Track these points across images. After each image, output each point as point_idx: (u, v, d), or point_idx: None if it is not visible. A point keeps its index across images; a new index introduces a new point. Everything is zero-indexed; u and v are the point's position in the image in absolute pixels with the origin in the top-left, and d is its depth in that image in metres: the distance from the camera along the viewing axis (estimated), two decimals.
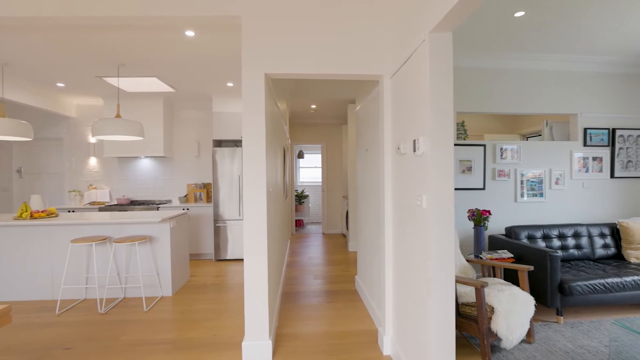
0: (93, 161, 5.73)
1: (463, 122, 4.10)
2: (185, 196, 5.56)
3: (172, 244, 3.77)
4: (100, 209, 5.07)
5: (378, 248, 2.85)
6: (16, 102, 4.51)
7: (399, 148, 2.22)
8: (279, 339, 2.70)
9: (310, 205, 9.59)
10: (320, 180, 9.46)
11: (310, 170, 10.05)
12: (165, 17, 2.39)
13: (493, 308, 2.34)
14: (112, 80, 4.43)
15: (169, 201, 5.69)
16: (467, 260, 3.02)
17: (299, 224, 8.85)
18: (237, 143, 5.73)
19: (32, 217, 3.69)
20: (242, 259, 5.27)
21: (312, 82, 4.78)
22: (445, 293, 1.78)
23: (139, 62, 3.82)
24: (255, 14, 2.43)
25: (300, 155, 8.98)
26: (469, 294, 2.50)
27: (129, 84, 4.56)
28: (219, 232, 5.22)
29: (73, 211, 5.05)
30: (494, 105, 3.89)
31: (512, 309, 2.36)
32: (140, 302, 3.53)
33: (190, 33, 3.08)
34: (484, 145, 3.89)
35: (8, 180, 5.65)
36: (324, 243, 6.66)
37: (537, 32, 3.16)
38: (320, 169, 7.97)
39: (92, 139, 5.70)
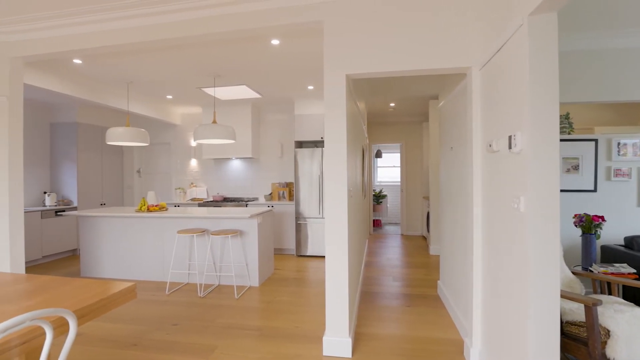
0: (194, 162, 6.52)
1: (567, 114, 3.59)
2: (270, 194, 5.96)
3: (259, 238, 4.07)
4: (200, 205, 5.74)
5: (465, 253, 2.67)
6: (137, 114, 5.39)
7: (490, 145, 2.05)
8: (358, 338, 2.72)
9: (388, 205, 9.40)
10: (399, 180, 9.21)
11: (388, 169, 9.86)
12: (255, 29, 2.59)
13: (609, 331, 2.00)
14: (209, 90, 4.98)
15: (256, 199, 6.16)
16: (574, 273, 2.64)
17: (376, 224, 8.76)
18: (316, 144, 5.92)
19: (148, 210, 4.35)
20: (321, 256, 5.44)
21: (392, 79, 4.68)
22: (548, 309, 1.58)
23: (231, 72, 4.23)
24: (335, 17, 2.48)
25: (378, 154, 8.88)
26: (575, 311, 2.18)
27: (222, 92, 5.08)
28: (300, 229, 5.46)
29: (178, 206, 5.82)
30: (609, 92, 3.30)
31: (636, 335, 1.98)
32: (232, 289, 3.90)
33: (275, 41, 3.29)
34: (596, 140, 3.35)
35: (131, 179, 6.78)
36: (403, 245, 6.47)
37: None
38: (399, 169, 7.76)
39: (193, 143, 6.49)
